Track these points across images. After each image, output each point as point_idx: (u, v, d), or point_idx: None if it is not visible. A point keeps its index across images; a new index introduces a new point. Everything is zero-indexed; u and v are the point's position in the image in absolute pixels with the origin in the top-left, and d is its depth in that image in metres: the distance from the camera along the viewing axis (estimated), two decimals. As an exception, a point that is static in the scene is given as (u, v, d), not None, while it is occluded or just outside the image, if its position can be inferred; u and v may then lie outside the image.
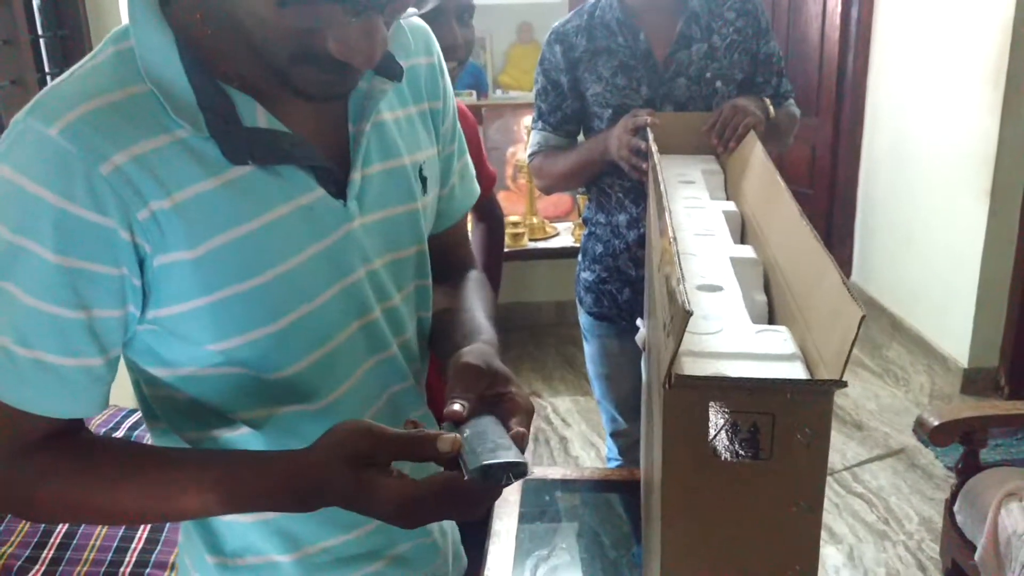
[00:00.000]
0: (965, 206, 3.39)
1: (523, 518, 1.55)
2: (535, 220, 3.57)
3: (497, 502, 1.58)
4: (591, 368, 2.07)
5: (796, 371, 0.71)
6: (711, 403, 0.67)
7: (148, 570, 1.66)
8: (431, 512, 0.70)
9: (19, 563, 1.66)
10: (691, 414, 0.68)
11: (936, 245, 3.63)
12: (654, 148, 1.27)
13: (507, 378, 0.77)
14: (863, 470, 2.96)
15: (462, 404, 0.73)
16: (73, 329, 0.69)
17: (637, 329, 1.56)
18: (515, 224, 3.52)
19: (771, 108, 1.75)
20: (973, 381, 3.45)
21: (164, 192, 0.69)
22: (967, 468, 2.06)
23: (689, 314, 0.64)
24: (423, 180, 0.89)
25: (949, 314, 3.53)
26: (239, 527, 0.83)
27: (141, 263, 0.70)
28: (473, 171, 1.03)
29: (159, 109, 0.70)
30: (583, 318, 2.02)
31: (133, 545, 1.72)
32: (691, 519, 0.71)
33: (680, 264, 0.75)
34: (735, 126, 1.51)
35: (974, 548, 1.94)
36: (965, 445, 2.04)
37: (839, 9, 4.15)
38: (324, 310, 0.78)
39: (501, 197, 3.86)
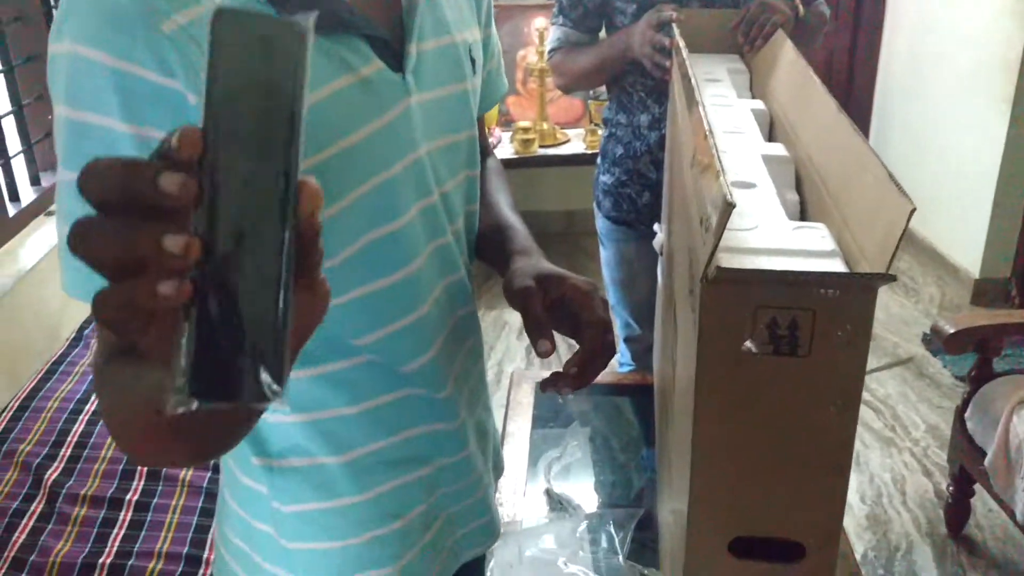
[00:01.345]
0: (984, 113, 3.32)
1: (536, 420, 1.56)
2: (545, 126, 3.51)
3: (511, 404, 1.60)
4: (607, 273, 2.05)
5: (836, 267, 0.69)
6: (750, 298, 0.65)
7: (165, 468, 1.68)
8: None
9: (38, 460, 1.68)
10: (729, 309, 0.66)
11: (952, 154, 3.57)
12: (681, 44, 1.23)
13: (560, 276, 0.77)
14: (871, 379, 2.98)
15: (549, 341, 0.74)
16: None
17: (655, 234, 1.54)
18: (525, 130, 3.46)
19: (800, 6, 1.69)
20: (983, 292, 3.44)
21: None
22: (980, 376, 2.06)
23: (732, 206, 0.62)
24: (472, 61, 0.85)
25: (962, 224, 3.50)
26: (284, 427, 0.81)
27: None
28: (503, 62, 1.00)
29: None
30: (600, 223, 1.99)
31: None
32: (725, 417, 0.70)
33: (719, 157, 0.72)
34: (762, 24, 1.45)
35: (984, 454, 1.96)
36: (979, 353, 2.04)
37: (863, -93, 4.00)
38: (385, 188, 0.75)
39: (511, 102, 3.81)
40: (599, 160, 1.98)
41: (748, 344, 0.66)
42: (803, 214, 0.91)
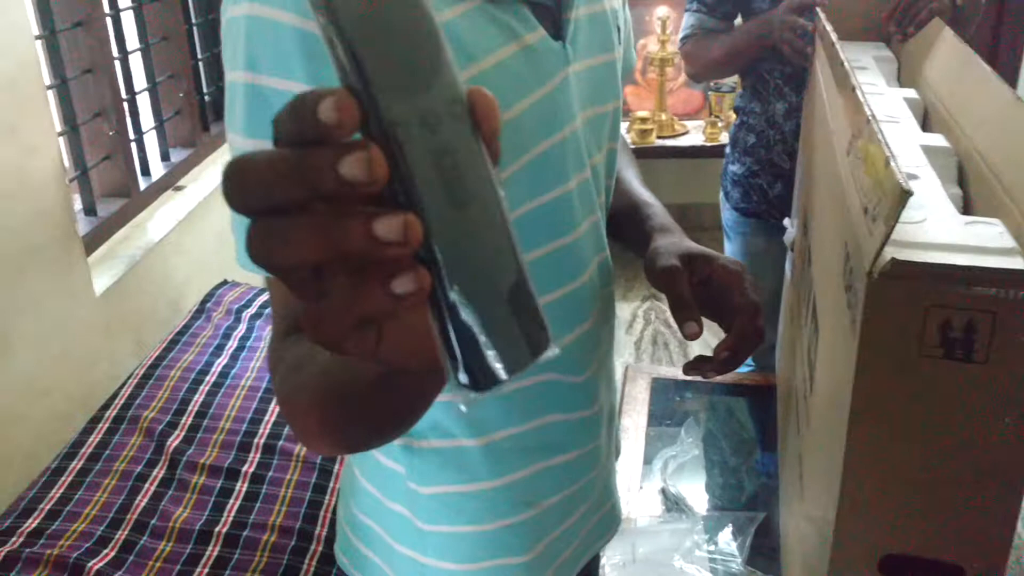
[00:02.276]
0: None
1: (651, 418, 1.52)
2: (664, 117, 3.44)
3: (626, 399, 1.56)
4: (729, 271, 1.99)
5: (1019, 266, 0.62)
6: (923, 296, 0.60)
7: (281, 442, 1.70)
8: None
9: (160, 427, 1.73)
10: (897, 308, 0.61)
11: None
12: (828, 28, 1.16)
13: (706, 256, 0.73)
14: None
15: (696, 323, 0.71)
16: None
17: (784, 228, 1.47)
18: (643, 120, 3.40)
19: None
20: None
21: None
22: None
23: (909, 194, 0.57)
24: (618, 30, 0.82)
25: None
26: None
27: None
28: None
29: None
30: (727, 214, 1.93)
31: (266, 418, 1.76)
32: (883, 424, 0.65)
33: (886, 141, 0.66)
34: (917, 10, 1.37)
35: None
36: None
37: None
38: (544, 161, 0.72)
39: (628, 92, 3.75)
40: (728, 149, 1.91)
41: (917, 346, 0.61)
42: (967, 209, 0.84)
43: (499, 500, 0.83)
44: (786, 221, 1.49)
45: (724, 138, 3.19)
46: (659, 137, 3.42)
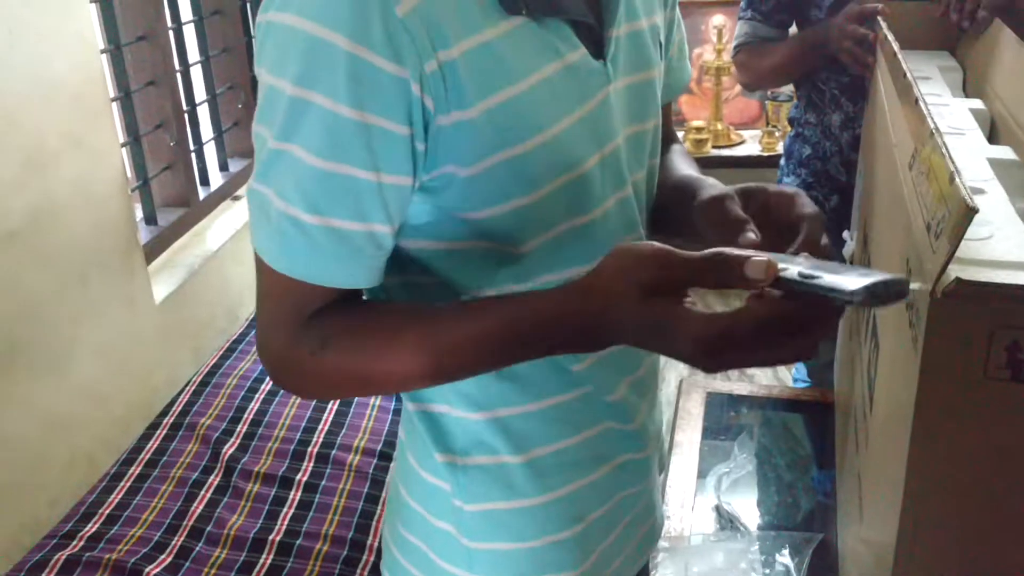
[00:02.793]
0: None
1: (705, 432, 1.50)
2: (719, 126, 3.40)
3: (680, 414, 1.54)
4: (786, 285, 1.95)
5: (1091, 287, 0.60)
6: (990, 316, 0.58)
7: (334, 451, 1.72)
8: (747, 349, 0.56)
9: (216, 434, 1.76)
10: (962, 328, 0.59)
11: None
12: (890, 37, 1.14)
13: (760, 186, 0.71)
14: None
15: (753, 232, 0.65)
16: (366, 192, 0.64)
17: (844, 242, 1.45)
18: (698, 130, 3.36)
19: None
20: None
21: (453, 39, 0.63)
22: None
23: (974, 211, 0.55)
24: (659, 46, 0.82)
25: None
26: (469, 423, 0.79)
27: (425, 123, 0.64)
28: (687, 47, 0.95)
29: None
30: (783, 227, 1.89)
31: (320, 427, 1.78)
32: (947, 447, 0.63)
33: (951, 156, 0.64)
34: (973, 5, 1.33)
35: None
36: None
37: None
38: (585, 179, 0.72)
39: (683, 101, 3.72)
40: (782, 162, 1.88)
41: (983, 367, 0.59)
42: (1037, 226, 0.81)
43: (545, 516, 0.82)
44: (845, 234, 1.46)
45: (781, 148, 3.14)
46: (715, 147, 3.38)
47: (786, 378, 2.80)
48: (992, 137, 1.03)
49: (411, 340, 0.68)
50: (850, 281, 0.52)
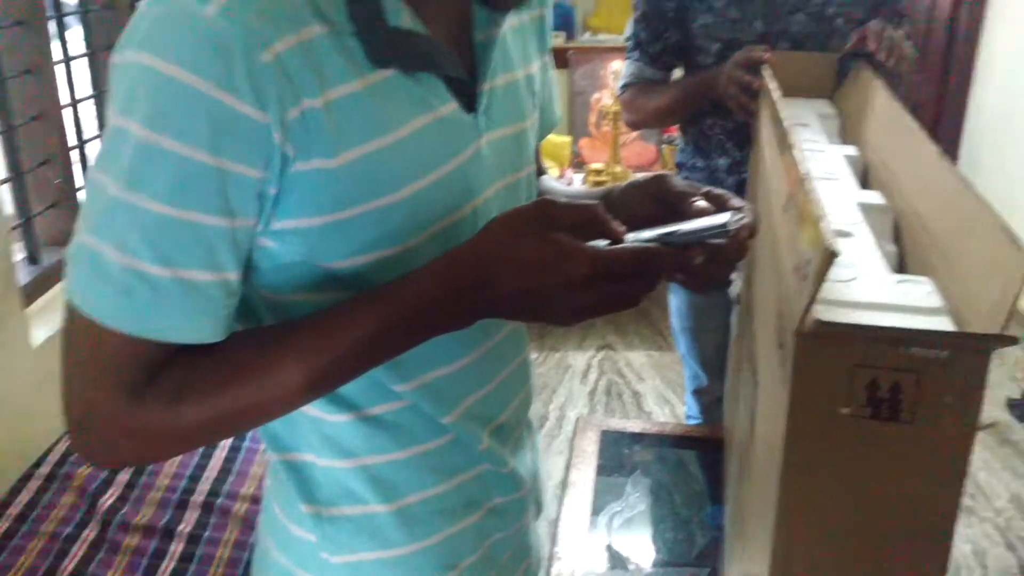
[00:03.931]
0: (1079, 172, 3.19)
1: (599, 469, 1.51)
2: (618, 169, 3.47)
3: (575, 452, 1.54)
4: (676, 322, 1.99)
5: (944, 325, 0.63)
6: (850, 356, 0.59)
7: (220, 500, 1.66)
8: (625, 282, 0.63)
9: (94, 485, 1.68)
10: (824, 368, 0.61)
11: (1043, 213, 3.43)
12: (772, 86, 1.18)
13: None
14: (950, 444, 2.84)
15: (702, 200, 0.71)
16: (219, 239, 0.62)
17: (731, 281, 1.48)
18: (597, 172, 3.43)
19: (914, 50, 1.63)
20: (1073, 357, 3.27)
21: (319, 88, 0.62)
22: (1074, 448, 1.93)
23: (835, 255, 0.57)
24: (533, 95, 0.83)
25: (1052, 286, 3.34)
26: (335, 472, 0.77)
27: (282, 168, 0.62)
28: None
29: None
30: (672, 268, 1.93)
31: (206, 474, 1.71)
32: (814, 482, 0.64)
33: (818, 202, 0.67)
34: (891, 44, 1.41)
35: (1077, 532, 1.83)
36: (1073, 424, 1.92)
37: (953, -45, 3.91)
38: (453, 231, 0.72)
39: (583, 144, 3.79)
40: (673, 204, 1.92)
41: (845, 406, 0.60)
42: (902, 267, 0.85)
43: (416, 565, 0.80)
44: (733, 274, 1.50)
45: (677, 190, 3.22)
46: (614, 189, 3.45)
47: (681, 415, 2.85)
48: (865, 182, 1.07)
49: (281, 363, 0.65)
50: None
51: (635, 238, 0.64)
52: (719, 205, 0.71)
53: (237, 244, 0.63)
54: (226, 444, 1.79)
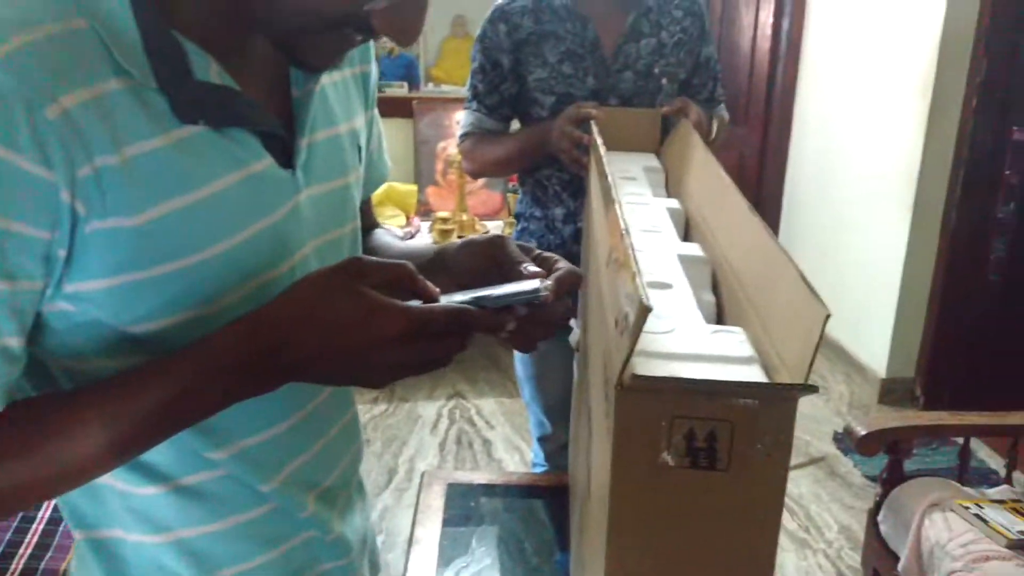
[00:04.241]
0: (888, 219, 3.45)
1: (446, 523, 1.49)
2: (464, 217, 3.51)
3: (420, 508, 1.52)
4: (520, 369, 2.01)
5: (755, 375, 0.66)
6: (666, 408, 0.61)
7: (42, 565, 1.54)
8: (437, 341, 0.64)
9: None
10: (644, 419, 0.62)
11: (858, 257, 3.69)
12: (599, 141, 1.22)
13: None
14: (784, 478, 2.97)
15: (532, 265, 0.74)
16: None
17: (570, 329, 1.51)
18: (444, 220, 3.45)
19: (715, 128, 1.74)
20: (890, 391, 3.51)
21: (114, 145, 0.59)
22: (892, 478, 2.06)
23: (648, 310, 0.59)
24: (358, 150, 0.82)
25: (869, 325, 3.59)
26: (146, 548, 0.73)
27: (72, 228, 0.59)
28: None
29: (102, 49, 0.59)
30: (515, 316, 1.95)
31: (21, 551, 1.59)
32: (639, 530, 0.66)
33: (635, 257, 0.69)
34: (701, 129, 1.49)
35: (897, 558, 1.95)
36: (890, 455, 2.05)
37: (771, 21, 4.19)
38: (266, 291, 0.69)
39: (430, 193, 3.81)
40: (512, 253, 1.95)
41: (665, 456, 0.62)
42: (720, 316, 0.88)
43: None
44: (572, 322, 1.53)
45: (521, 239, 3.28)
46: (460, 237, 3.47)
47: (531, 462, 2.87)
48: (687, 234, 1.12)
49: (82, 427, 0.62)
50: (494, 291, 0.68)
51: (448, 300, 0.65)
52: (548, 268, 0.74)
53: (17, 309, 0.59)
54: (44, 516, 1.68)
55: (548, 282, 0.70)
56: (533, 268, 0.73)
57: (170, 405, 0.63)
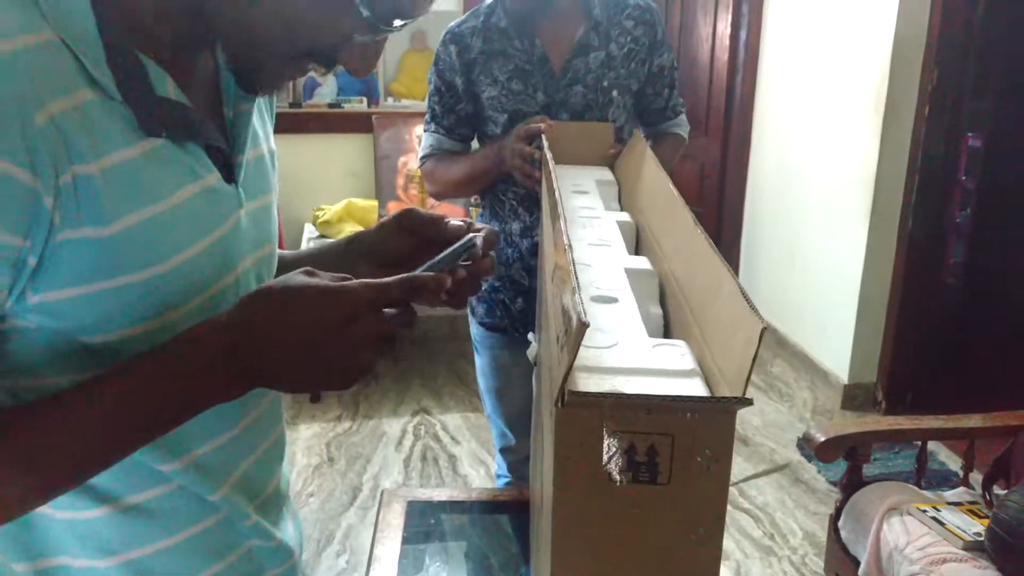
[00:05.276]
0: (846, 226, 3.49)
1: (406, 541, 1.48)
2: (426, 232, 3.51)
3: (380, 526, 1.51)
4: (482, 382, 2.01)
5: (695, 388, 0.66)
6: (606, 423, 0.61)
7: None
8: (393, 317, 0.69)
9: None
10: (585, 434, 0.62)
11: (818, 264, 3.73)
12: (549, 156, 1.23)
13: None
14: (749, 485, 2.99)
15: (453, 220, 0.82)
16: None
17: (529, 343, 1.51)
18: (406, 235, 3.45)
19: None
20: (853, 397, 3.54)
21: (93, 154, 0.60)
22: (851, 483, 2.08)
23: (585, 326, 0.59)
24: (274, 169, 0.85)
25: (830, 331, 3.63)
26: (95, 573, 0.72)
27: (47, 236, 0.59)
28: None
29: (74, 61, 0.60)
30: (474, 329, 1.96)
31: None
32: (583, 546, 0.66)
33: (576, 274, 0.69)
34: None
35: (858, 563, 1.96)
36: (849, 460, 2.07)
37: (728, 32, 4.24)
38: (217, 303, 0.71)
39: (391, 208, 3.80)
40: (471, 267, 1.96)
41: (606, 471, 0.62)
42: (667, 329, 0.89)
43: None
44: (530, 335, 1.53)
45: (484, 252, 3.29)
46: (422, 252, 3.47)
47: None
48: (637, 247, 1.12)
49: (41, 442, 0.62)
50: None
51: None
52: (467, 228, 0.83)
53: None
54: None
55: (478, 234, 0.79)
56: (456, 222, 0.82)
57: (131, 409, 0.64)
